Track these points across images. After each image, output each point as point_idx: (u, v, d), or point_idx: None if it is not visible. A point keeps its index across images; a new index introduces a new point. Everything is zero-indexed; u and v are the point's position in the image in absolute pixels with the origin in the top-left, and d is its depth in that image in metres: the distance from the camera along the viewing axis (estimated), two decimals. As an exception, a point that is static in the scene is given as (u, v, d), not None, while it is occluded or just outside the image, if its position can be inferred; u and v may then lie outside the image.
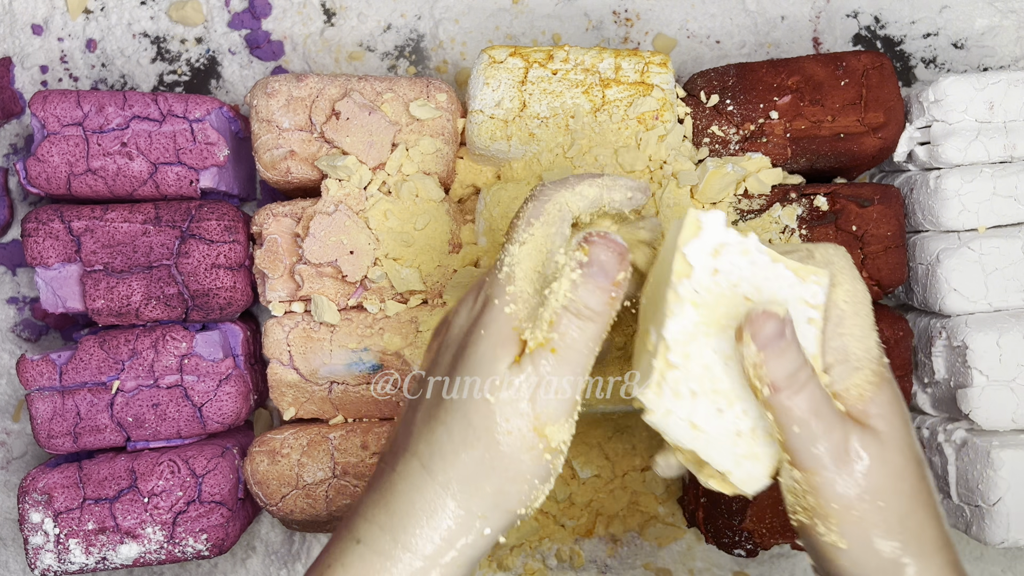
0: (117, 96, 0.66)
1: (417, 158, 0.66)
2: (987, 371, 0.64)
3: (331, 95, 0.65)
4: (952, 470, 0.67)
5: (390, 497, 0.45)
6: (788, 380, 0.43)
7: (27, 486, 0.65)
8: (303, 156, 0.65)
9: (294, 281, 0.66)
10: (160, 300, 0.66)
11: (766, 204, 0.67)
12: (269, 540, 0.77)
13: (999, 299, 0.66)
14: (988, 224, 0.66)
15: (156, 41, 0.76)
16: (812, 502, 0.45)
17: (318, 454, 0.65)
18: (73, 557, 0.65)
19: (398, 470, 0.45)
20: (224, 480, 0.66)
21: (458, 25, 0.77)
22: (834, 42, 0.77)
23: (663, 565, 0.77)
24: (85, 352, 0.65)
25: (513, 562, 0.76)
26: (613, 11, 0.77)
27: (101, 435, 0.66)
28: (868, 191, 0.67)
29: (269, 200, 0.76)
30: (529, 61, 0.65)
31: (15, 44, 0.76)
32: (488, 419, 0.43)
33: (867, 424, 0.45)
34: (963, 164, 0.67)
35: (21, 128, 0.76)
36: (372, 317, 0.66)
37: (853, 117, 0.66)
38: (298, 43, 0.77)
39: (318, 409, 0.67)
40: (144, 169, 0.66)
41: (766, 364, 0.43)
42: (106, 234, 0.65)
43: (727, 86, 0.67)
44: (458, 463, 0.44)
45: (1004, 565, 0.78)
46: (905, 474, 0.45)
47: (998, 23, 0.77)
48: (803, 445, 0.44)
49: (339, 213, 0.64)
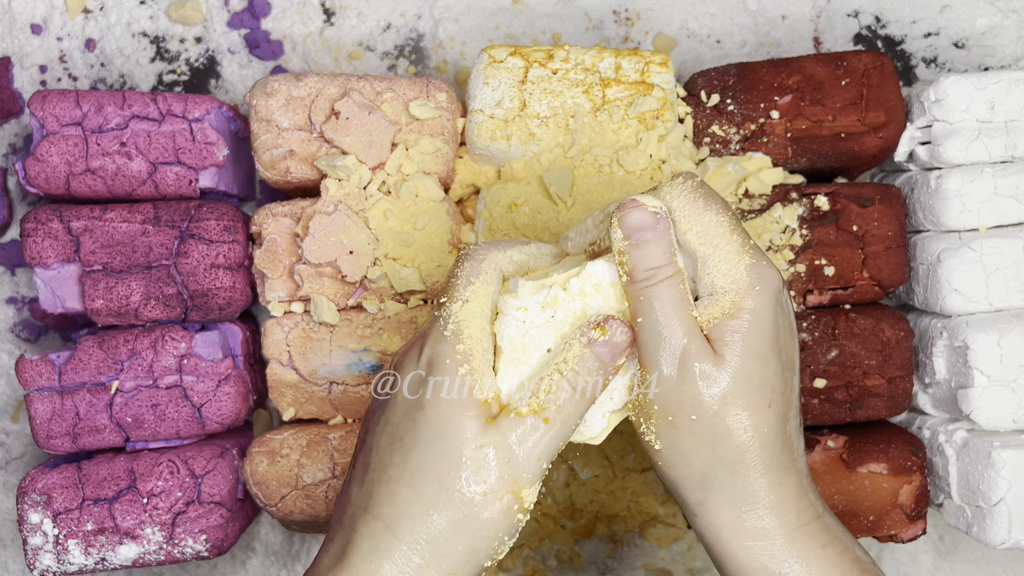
0: (116, 96, 0.66)
1: (417, 158, 0.66)
2: (988, 371, 0.64)
3: (331, 95, 0.65)
4: (953, 470, 0.67)
5: (353, 559, 0.44)
6: (646, 272, 0.45)
7: (26, 487, 0.65)
8: (302, 156, 0.65)
9: (293, 281, 0.66)
10: (159, 300, 0.65)
11: (767, 204, 0.67)
12: (269, 541, 0.77)
13: (1000, 299, 0.66)
14: (989, 224, 0.66)
15: (155, 41, 0.76)
16: (641, 399, 0.47)
17: (318, 455, 0.65)
18: (72, 558, 0.65)
19: (359, 531, 0.45)
20: (223, 481, 0.66)
21: (458, 25, 0.77)
22: (835, 42, 0.77)
23: (663, 566, 0.77)
24: (84, 352, 0.65)
25: (513, 562, 0.76)
26: (613, 11, 0.77)
27: (100, 435, 0.66)
28: (869, 191, 0.67)
29: (268, 200, 0.75)
30: (529, 60, 0.65)
31: (14, 44, 0.76)
32: (463, 482, 0.43)
33: (716, 351, 0.46)
34: (964, 164, 0.67)
35: (20, 128, 0.76)
36: (372, 317, 0.66)
37: (854, 117, 0.66)
38: (297, 43, 0.76)
39: (317, 409, 0.67)
40: (143, 169, 0.66)
41: (628, 252, 0.46)
42: (105, 234, 0.65)
43: (727, 86, 0.67)
44: (428, 524, 0.44)
45: (1005, 566, 0.78)
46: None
47: (999, 23, 0.77)
48: (645, 339, 0.46)
49: (339, 213, 0.64)
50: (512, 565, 0.76)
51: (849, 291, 0.67)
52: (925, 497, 0.67)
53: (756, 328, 0.46)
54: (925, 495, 0.67)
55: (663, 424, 0.46)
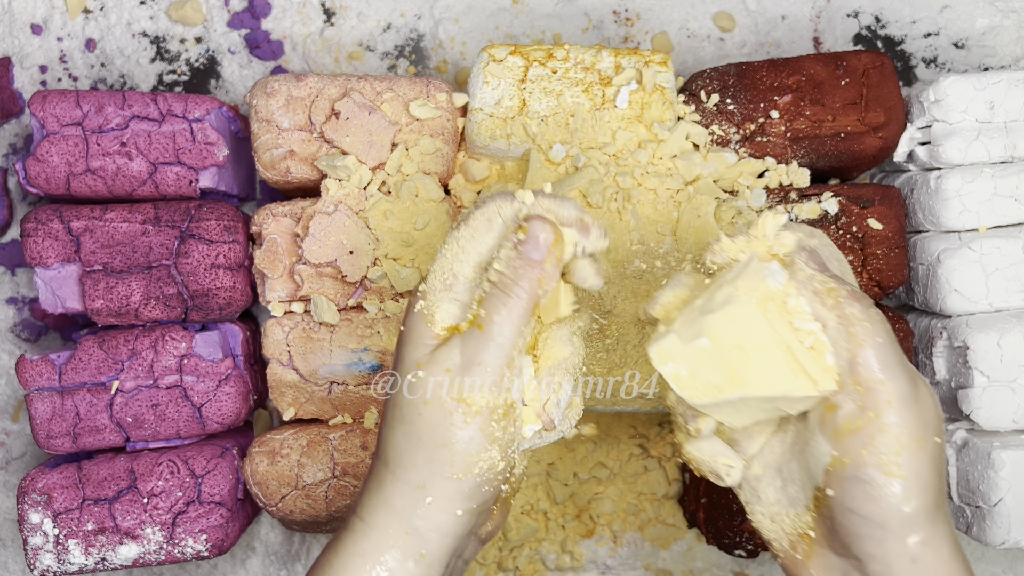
0: (116, 96, 0.66)
1: (417, 158, 0.66)
2: (988, 371, 0.64)
3: (331, 95, 0.65)
4: (953, 471, 0.67)
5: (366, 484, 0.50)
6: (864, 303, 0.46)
7: (26, 486, 0.65)
8: (303, 156, 0.65)
9: (294, 281, 0.66)
10: (159, 300, 0.66)
11: (767, 204, 0.67)
12: (269, 540, 0.77)
13: (1000, 299, 0.66)
14: (989, 224, 0.66)
15: (155, 41, 0.76)
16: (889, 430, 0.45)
17: (318, 454, 0.65)
18: (72, 558, 0.65)
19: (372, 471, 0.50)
20: (223, 481, 0.66)
21: (458, 25, 0.77)
22: (835, 42, 0.77)
23: (663, 566, 0.77)
24: (84, 352, 0.65)
25: (513, 562, 0.76)
26: (613, 11, 0.77)
27: (100, 435, 0.66)
28: (869, 191, 0.67)
29: (269, 200, 0.76)
30: (529, 60, 0.65)
31: (14, 44, 0.76)
32: (412, 396, 0.47)
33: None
34: (964, 164, 0.67)
35: (20, 128, 0.76)
36: (372, 317, 0.66)
37: (854, 117, 0.66)
38: (298, 43, 0.76)
39: (318, 409, 0.67)
40: (143, 169, 0.66)
41: (840, 289, 0.46)
42: (105, 234, 0.65)
43: (727, 85, 0.67)
44: (392, 442, 0.48)
45: (1005, 566, 0.78)
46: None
47: (999, 23, 0.77)
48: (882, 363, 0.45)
49: (339, 213, 0.64)
50: (512, 565, 0.76)
51: (849, 291, 0.67)
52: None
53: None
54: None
55: (911, 451, 0.44)
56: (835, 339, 0.45)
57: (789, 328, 0.46)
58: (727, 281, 0.47)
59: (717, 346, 0.46)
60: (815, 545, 0.48)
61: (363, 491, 0.50)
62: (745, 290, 0.46)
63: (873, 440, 0.44)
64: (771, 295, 0.46)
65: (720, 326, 0.46)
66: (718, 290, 0.47)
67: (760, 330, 0.46)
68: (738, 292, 0.46)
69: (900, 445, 0.44)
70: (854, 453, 0.45)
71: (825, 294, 0.46)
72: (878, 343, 0.45)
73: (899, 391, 0.45)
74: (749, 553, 0.69)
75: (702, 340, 0.46)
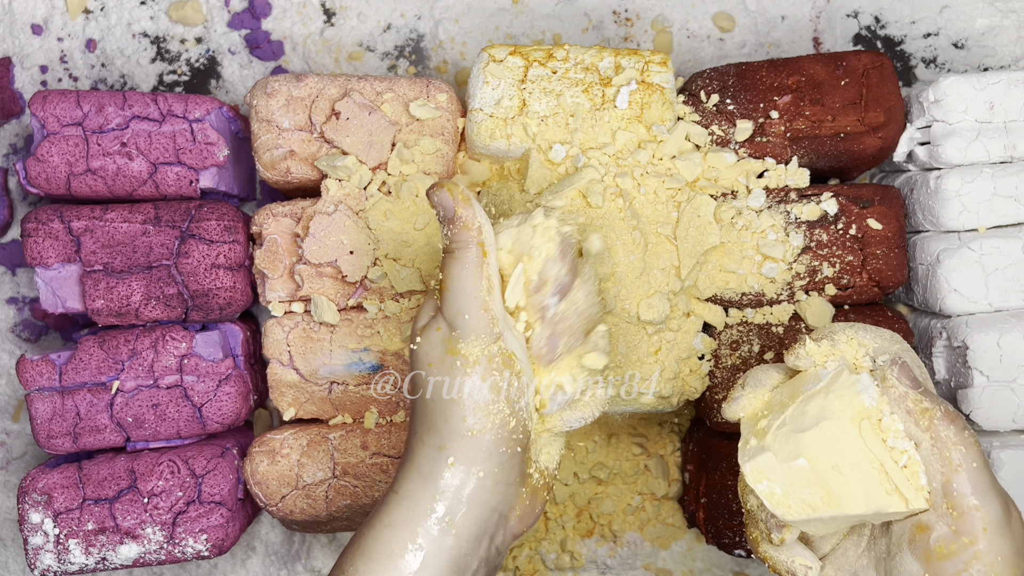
0: (117, 96, 0.66)
1: (417, 158, 0.66)
2: (987, 371, 0.64)
3: (331, 95, 0.65)
4: (952, 470, 0.67)
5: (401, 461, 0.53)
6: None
7: (27, 486, 0.65)
8: (303, 156, 0.65)
9: (294, 281, 0.66)
10: (160, 300, 0.66)
11: (767, 204, 0.67)
12: (269, 540, 0.77)
13: (999, 299, 0.66)
14: (988, 224, 0.66)
15: (156, 41, 0.76)
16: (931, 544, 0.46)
17: (318, 454, 0.65)
18: (73, 557, 0.65)
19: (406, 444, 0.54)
20: (224, 480, 0.66)
21: (458, 25, 0.77)
22: (834, 42, 0.77)
23: (663, 566, 0.77)
24: (85, 352, 0.65)
25: (513, 562, 0.76)
26: (613, 11, 0.77)
27: (101, 435, 0.66)
28: (869, 192, 0.67)
29: (269, 200, 0.76)
30: (529, 60, 0.65)
31: (15, 44, 0.76)
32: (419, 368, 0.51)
33: None
34: (963, 164, 0.67)
35: (21, 128, 0.76)
36: (372, 317, 0.66)
37: (853, 117, 0.66)
38: (298, 43, 0.77)
39: (318, 409, 0.67)
40: (144, 169, 0.66)
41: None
42: (106, 234, 0.65)
43: (727, 86, 0.67)
44: (417, 415, 0.51)
45: (1004, 565, 0.78)
46: None
47: (998, 23, 0.77)
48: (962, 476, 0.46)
49: (339, 213, 0.64)
50: (512, 565, 0.76)
51: (849, 292, 0.67)
52: (924, 497, 0.67)
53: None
54: (924, 495, 0.67)
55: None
56: (928, 460, 0.46)
57: (883, 446, 0.46)
58: (817, 393, 0.47)
59: (813, 466, 0.46)
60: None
61: (398, 468, 0.52)
62: (838, 406, 0.46)
63: (968, 567, 0.45)
64: (865, 412, 0.46)
65: (817, 445, 0.46)
66: (808, 402, 0.47)
67: (855, 448, 0.46)
68: (831, 407, 0.46)
69: (996, 571, 0.45)
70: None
71: (920, 414, 0.46)
72: (973, 468, 0.46)
73: (993, 517, 0.45)
74: (749, 553, 0.69)
75: (800, 461, 0.46)
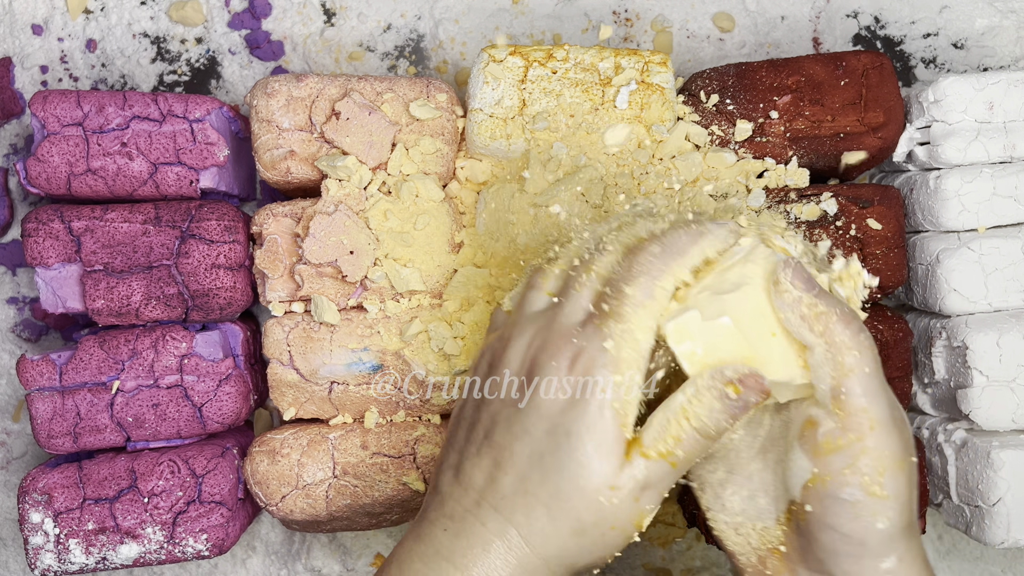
0: (117, 96, 0.66)
1: (417, 158, 0.66)
2: (987, 371, 0.64)
3: (331, 95, 0.65)
4: (952, 470, 0.67)
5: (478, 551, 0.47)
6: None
7: (27, 486, 0.65)
8: (303, 156, 0.65)
9: (294, 281, 0.66)
10: (160, 300, 0.66)
11: (767, 204, 0.67)
12: (269, 540, 0.77)
13: (999, 299, 0.66)
14: (988, 224, 0.66)
15: (156, 41, 0.76)
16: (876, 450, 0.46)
17: (318, 454, 0.65)
18: (73, 557, 0.65)
19: (490, 527, 0.47)
20: (224, 480, 0.66)
21: (458, 25, 0.77)
22: (834, 42, 0.78)
23: (663, 565, 0.77)
24: (85, 352, 0.65)
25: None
26: (613, 11, 0.77)
27: (101, 435, 0.66)
28: (868, 191, 0.67)
29: (269, 200, 0.76)
30: (529, 60, 0.65)
31: (15, 44, 0.76)
32: (599, 517, 0.46)
33: None
34: (963, 164, 0.67)
35: (21, 128, 0.76)
36: (372, 317, 0.66)
37: (853, 117, 0.66)
38: (298, 43, 0.77)
39: (318, 409, 0.67)
40: (144, 169, 0.66)
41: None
42: (106, 234, 0.65)
43: (727, 86, 0.67)
44: (562, 546, 0.47)
45: (1004, 565, 0.78)
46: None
47: (998, 23, 0.77)
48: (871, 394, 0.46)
49: (339, 213, 0.64)
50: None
51: (848, 291, 0.67)
52: (924, 497, 0.67)
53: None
54: (924, 495, 0.67)
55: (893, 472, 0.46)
56: (820, 365, 0.46)
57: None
58: (735, 264, 0.48)
59: (737, 325, 0.46)
60: (786, 561, 0.49)
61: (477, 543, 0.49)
62: (756, 272, 0.47)
63: (856, 461, 0.45)
64: (777, 282, 0.47)
65: (738, 307, 0.46)
66: (727, 272, 0.48)
67: (770, 317, 0.47)
68: (749, 274, 0.47)
69: (883, 466, 0.45)
70: (836, 472, 0.45)
71: (814, 319, 0.46)
72: (865, 373, 0.46)
73: (881, 416, 0.45)
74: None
75: (724, 319, 0.46)
